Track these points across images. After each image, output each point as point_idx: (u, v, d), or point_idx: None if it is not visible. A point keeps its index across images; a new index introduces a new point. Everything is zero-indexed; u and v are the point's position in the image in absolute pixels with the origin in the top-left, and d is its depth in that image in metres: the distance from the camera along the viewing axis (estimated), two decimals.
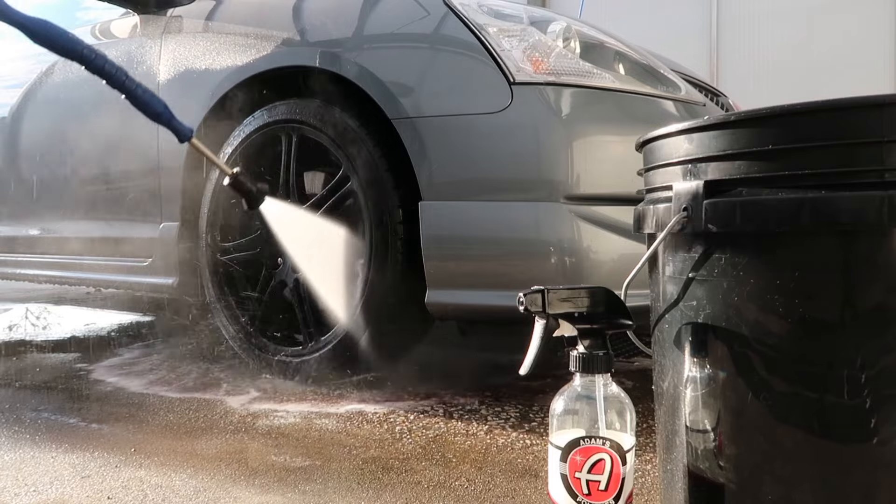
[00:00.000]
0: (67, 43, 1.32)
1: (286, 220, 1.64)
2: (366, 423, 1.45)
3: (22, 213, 2.54)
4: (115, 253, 2.18)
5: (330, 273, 1.67)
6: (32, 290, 4.26)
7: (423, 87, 1.58)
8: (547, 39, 1.57)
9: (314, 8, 1.83)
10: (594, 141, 1.50)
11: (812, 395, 0.66)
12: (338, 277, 1.67)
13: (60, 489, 1.11)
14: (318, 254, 1.68)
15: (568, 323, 0.81)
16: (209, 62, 1.92)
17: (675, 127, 0.77)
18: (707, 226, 0.71)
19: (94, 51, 1.35)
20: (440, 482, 1.13)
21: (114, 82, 1.38)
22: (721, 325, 0.72)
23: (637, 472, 1.16)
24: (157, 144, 2.03)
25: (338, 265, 1.67)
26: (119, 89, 1.39)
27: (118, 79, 1.37)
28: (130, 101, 1.40)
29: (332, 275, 1.67)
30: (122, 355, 2.23)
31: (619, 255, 1.47)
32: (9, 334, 2.73)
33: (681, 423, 0.78)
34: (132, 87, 1.38)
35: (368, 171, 1.63)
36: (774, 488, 0.69)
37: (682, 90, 1.72)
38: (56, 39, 1.31)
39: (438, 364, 2.10)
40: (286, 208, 1.66)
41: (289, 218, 1.65)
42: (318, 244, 1.67)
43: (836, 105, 0.65)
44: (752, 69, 7.02)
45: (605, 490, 0.76)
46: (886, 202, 0.62)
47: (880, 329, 0.64)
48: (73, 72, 2.33)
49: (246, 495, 1.08)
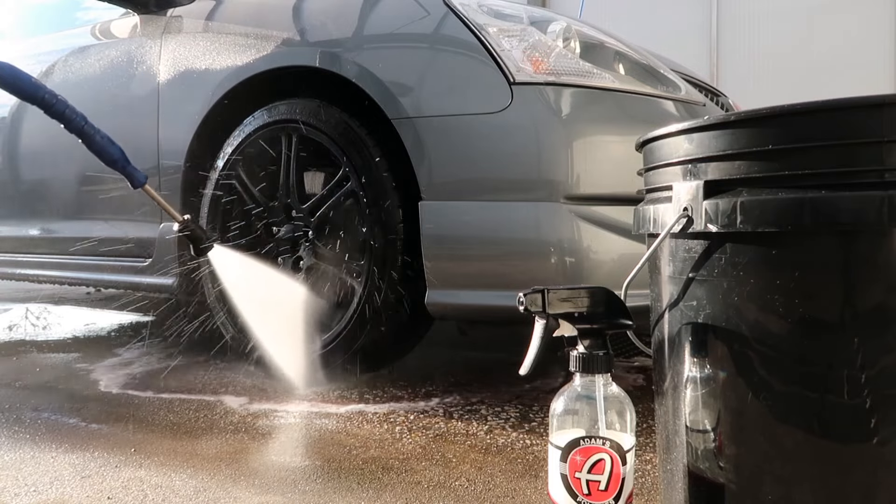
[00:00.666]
0: (30, 87, 1.40)
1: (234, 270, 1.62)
2: (366, 423, 1.45)
3: (22, 213, 2.54)
4: (115, 253, 2.18)
5: (279, 330, 1.61)
6: (32, 290, 4.26)
7: (423, 87, 1.58)
8: (547, 39, 1.57)
9: (314, 8, 1.83)
10: (594, 141, 1.50)
11: (812, 395, 0.66)
12: (289, 336, 1.60)
13: (60, 489, 1.11)
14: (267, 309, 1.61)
15: (568, 323, 0.81)
16: (209, 62, 1.92)
17: (675, 127, 0.77)
18: (707, 226, 0.71)
19: (56, 96, 1.41)
20: (440, 482, 1.13)
21: (72, 127, 1.43)
22: (721, 325, 0.72)
23: (637, 472, 1.16)
24: (158, 144, 2.03)
25: (290, 324, 1.60)
26: (77, 134, 1.44)
27: (77, 124, 1.42)
28: (87, 146, 1.45)
29: (282, 332, 1.61)
30: (122, 355, 2.23)
31: (619, 255, 1.47)
32: (9, 334, 2.73)
33: (681, 423, 0.78)
34: (91, 132, 1.44)
35: (368, 171, 1.63)
36: (774, 488, 0.69)
37: (682, 90, 1.72)
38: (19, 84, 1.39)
39: (438, 364, 2.10)
40: (235, 257, 1.64)
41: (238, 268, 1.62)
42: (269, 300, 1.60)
43: (836, 105, 0.65)
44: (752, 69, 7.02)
45: (605, 490, 0.76)
46: (886, 202, 0.62)
47: (880, 329, 0.64)
48: (73, 72, 2.33)
49: (246, 495, 1.08)
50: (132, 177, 1.51)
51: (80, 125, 1.43)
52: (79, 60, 2.33)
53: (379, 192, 1.62)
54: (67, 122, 1.43)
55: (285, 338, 1.60)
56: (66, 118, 1.43)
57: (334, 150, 1.68)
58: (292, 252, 1.80)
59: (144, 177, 1.52)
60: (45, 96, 1.40)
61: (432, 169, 1.54)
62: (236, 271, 1.63)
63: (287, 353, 1.62)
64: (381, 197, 1.62)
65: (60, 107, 1.42)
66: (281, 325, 1.59)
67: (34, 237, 2.50)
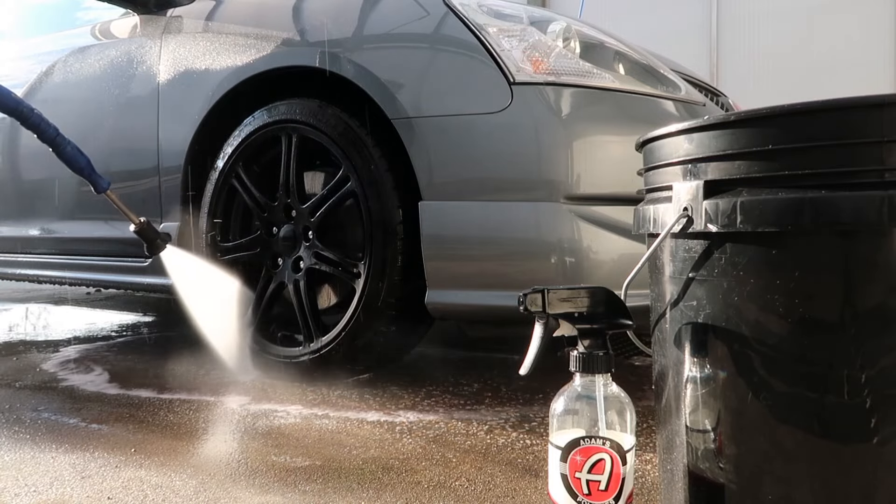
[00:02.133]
0: (11, 102, 1.58)
1: (183, 269, 1.82)
2: (366, 423, 1.45)
3: (22, 212, 2.54)
4: (114, 253, 2.19)
5: (220, 320, 1.80)
6: (32, 290, 4.26)
7: (423, 87, 1.58)
8: (547, 39, 1.57)
9: (314, 8, 1.83)
10: (594, 141, 1.50)
11: (812, 395, 0.66)
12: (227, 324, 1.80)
13: (60, 489, 1.11)
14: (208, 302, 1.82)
15: (568, 323, 0.81)
16: (209, 62, 1.92)
17: (675, 127, 0.77)
18: (707, 226, 0.71)
19: (32, 109, 1.60)
20: (440, 482, 1.13)
21: (45, 138, 1.61)
22: (721, 325, 0.72)
23: (637, 472, 1.16)
24: (158, 144, 2.03)
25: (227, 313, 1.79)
26: (49, 144, 1.62)
27: (49, 135, 1.61)
28: (57, 155, 1.63)
29: (221, 322, 1.80)
30: (122, 355, 2.23)
31: (619, 255, 1.46)
32: (9, 334, 2.73)
33: (681, 423, 0.78)
34: (61, 143, 1.62)
35: (368, 171, 1.63)
36: (774, 488, 0.69)
37: (682, 90, 1.72)
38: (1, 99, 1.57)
39: (439, 363, 2.10)
40: (185, 257, 1.83)
41: (187, 267, 1.82)
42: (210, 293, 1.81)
43: (836, 105, 0.65)
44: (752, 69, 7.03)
45: (605, 490, 0.76)
46: (886, 202, 0.62)
47: (880, 329, 0.64)
48: (73, 72, 2.33)
49: (246, 495, 1.08)
50: (96, 183, 1.69)
51: (52, 136, 1.62)
52: (79, 60, 2.33)
53: (379, 192, 1.62)
54: (41, 133, 1.61)
55: (222, 329, 1.81)
56: (41, 129, 1.61)
57: (334, 151, 1.68)
58: (292, 252, 1.80)
59: (107, 183, 1.71)
60: (24, 110, 1.59)
61: (432, 169, 1.54)
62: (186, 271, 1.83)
63: (224, 343, 1.82)
64: (380, 197, 1.62)
65: (35, 119, 1.60)
66: (218, 318, 1.80)
67: (34, 237, 2.50)
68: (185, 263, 1.82)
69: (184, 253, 1.81)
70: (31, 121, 1.59)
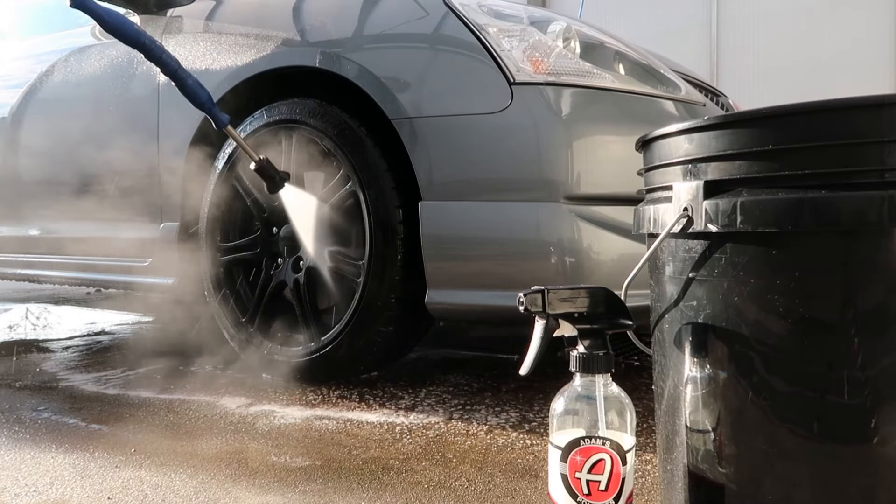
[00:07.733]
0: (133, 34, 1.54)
1: (301, 206, 1.77)
2: (366, 424, 1.45)
3: (22, 212, 2.54)
4: (115, 253, 2.18)
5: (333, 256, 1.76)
6: (32, 290, 4.26)
7: (422, 87, 1.58)
8: (547, 39, 1.57)
9: (314, 8, 1.83)
10: (594, 141, 1.50)
11: (812, 395, 0.66)
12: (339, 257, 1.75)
13: (60, 489, 1.11)
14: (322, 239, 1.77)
15: (568, 323, 0.81)
16: (209, 62, 1.92)
17: (675, 127, 0.77)
18: (707, 226, 0.71)
19: (154, 41, 1.57)
20: (440, 482, 1.13)
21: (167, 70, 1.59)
22: (721, 325, 0.72)
23: (637, 472, 1.16)
24: (158, 144, 2.03)
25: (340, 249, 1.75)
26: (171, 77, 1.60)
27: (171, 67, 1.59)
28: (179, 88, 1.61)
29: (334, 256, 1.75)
30: (122, 355, 2.23)
31: (619, 255, 1.46)
32: (9, 334, 2.73)
33: (681, 423, 0.78)
34: (183, 76, 1.60)
35: (368, 171, 1.63)
36: (774, 488, 0.69)
37: (682, 90, 1.72)
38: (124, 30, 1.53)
39: (439, 364, 2.10)
40: (302, 195, 1.77)
41: (303, 204, 1.77)
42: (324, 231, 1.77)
43: (836, 105, 0.65)
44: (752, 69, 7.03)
45: (605, 490, 0.76)
46: (886, 202, 0.62)
47: (880, 329, 0.64)
48: (73, 72, 2.33)
49: (246, 495, 1.08)
50: (217, 118, 1.64)
51: (174, 69, 1.58)
52: (79, 60, 2.33)
53: (379, 192, 1.62)
54: (164, 65, 1.58)
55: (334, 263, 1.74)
56: (163, 62, 1.57)
57: (334, 151, 1.68)
58: (292, 252, 1.80)
59: (227, 118, 1.65)
60: (146, 41, 1.55)
61: (432, 169, 1.54)
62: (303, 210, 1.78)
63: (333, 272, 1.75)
64: (380, 197, 1.62)
65: (158, 52, 1.56)
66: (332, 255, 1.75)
67: (34, 237, 2.50)
68: (303, 202, 1.77)
69: (301, 192, 1.77)
70: (153, 53, 1.56)
